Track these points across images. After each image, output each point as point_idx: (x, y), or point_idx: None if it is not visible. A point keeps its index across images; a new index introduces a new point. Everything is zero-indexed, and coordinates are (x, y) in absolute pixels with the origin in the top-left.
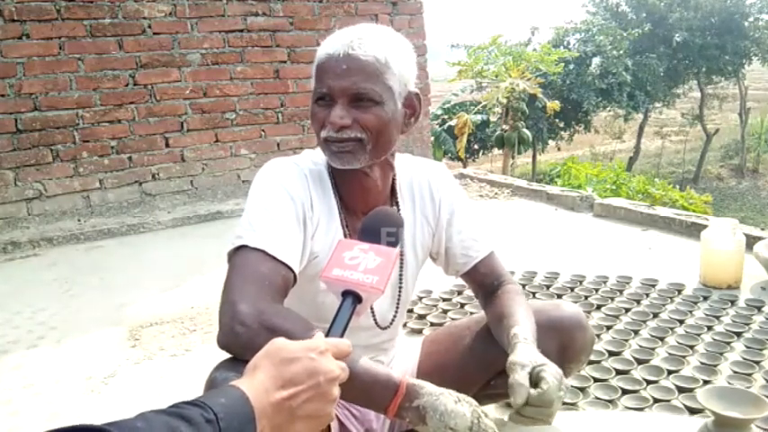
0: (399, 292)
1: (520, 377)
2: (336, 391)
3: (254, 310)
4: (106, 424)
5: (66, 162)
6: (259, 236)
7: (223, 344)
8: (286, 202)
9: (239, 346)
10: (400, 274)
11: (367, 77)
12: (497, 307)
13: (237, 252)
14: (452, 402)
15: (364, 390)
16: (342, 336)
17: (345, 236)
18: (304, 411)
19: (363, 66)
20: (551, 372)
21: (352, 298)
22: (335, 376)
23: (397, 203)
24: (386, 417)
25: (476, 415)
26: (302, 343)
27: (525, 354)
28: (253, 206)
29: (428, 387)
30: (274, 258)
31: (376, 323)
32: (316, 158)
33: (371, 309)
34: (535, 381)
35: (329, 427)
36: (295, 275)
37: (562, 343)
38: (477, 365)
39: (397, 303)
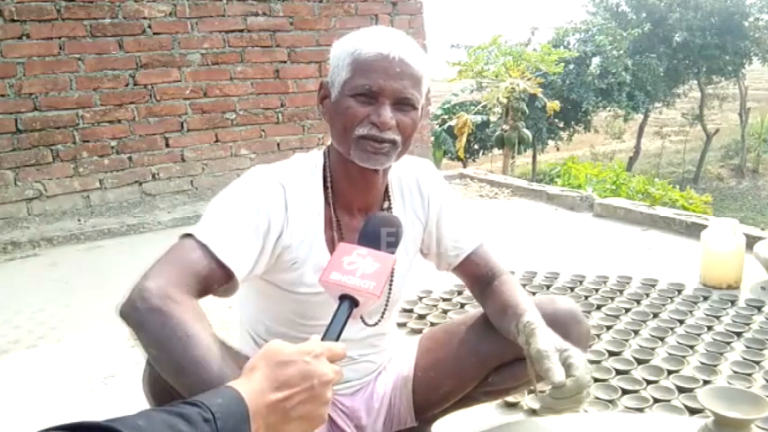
0: (389, 288)
1: (554, 363)
2: (330, 393)
3: (162, 291)
4: (108, 420)
5: (66, 162)
6: (208, 232)
7: (122, 313)
8: (249, 213)
9: (134, 319)
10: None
11: (413, 84)
12: (498, 298)
13: (183, 238)
14: None
15: None
16: (337, 339)
17: (331, 239)
18: (298, 413)
19: (413, 72)
20: (578, 357)
21: (348, 302)
22: (329, 379)
23: (389, 200)
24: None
25: None
26: (298, 346)
27: (548, 340)
28: (215, 207)
29: None
30: (212, 255)
31: (362, 320)
32: (306, 162)
33: None
34: (564, 367)
35: None
36: (232, 279)
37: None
38: (474, 361)
39: (387, 301)
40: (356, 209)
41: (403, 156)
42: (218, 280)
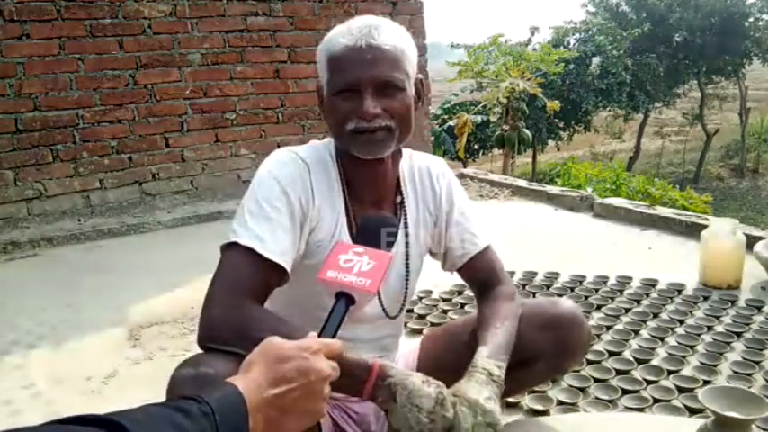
0: (406, 282)
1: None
2: (327, 389)
3: (230, 312)
4: (109, 414)
5: (66, 162)
6: (250, 233)
7: (204, 346)
8: (281, 198)
9: (222, 342)
10: (407, 265)
11: (391, 65)
12: (482, 312)
13: (228, 248)
14: (420, 382)
15: (343, 372)
16: (334, 336)
17: (350, 224)
18: (295, 408)
19: (387, 54)
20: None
21: (345, 299)
22: (326, 375)
23: (401, 193)
24: (361, 398)
25: (441, 396)
26: (295, 343)
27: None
28: (249, 201)
29: (397, 368)
30: (262, 257)
31: (385, 312)
32: (321, 148)
33: (380, 299)
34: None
35: (319, 424)
36: (286, 272)
37: (559, 339)
38: None
39: (405, 294)
40: (367, 201)
41: (406, 139)
42: (272, 278)
